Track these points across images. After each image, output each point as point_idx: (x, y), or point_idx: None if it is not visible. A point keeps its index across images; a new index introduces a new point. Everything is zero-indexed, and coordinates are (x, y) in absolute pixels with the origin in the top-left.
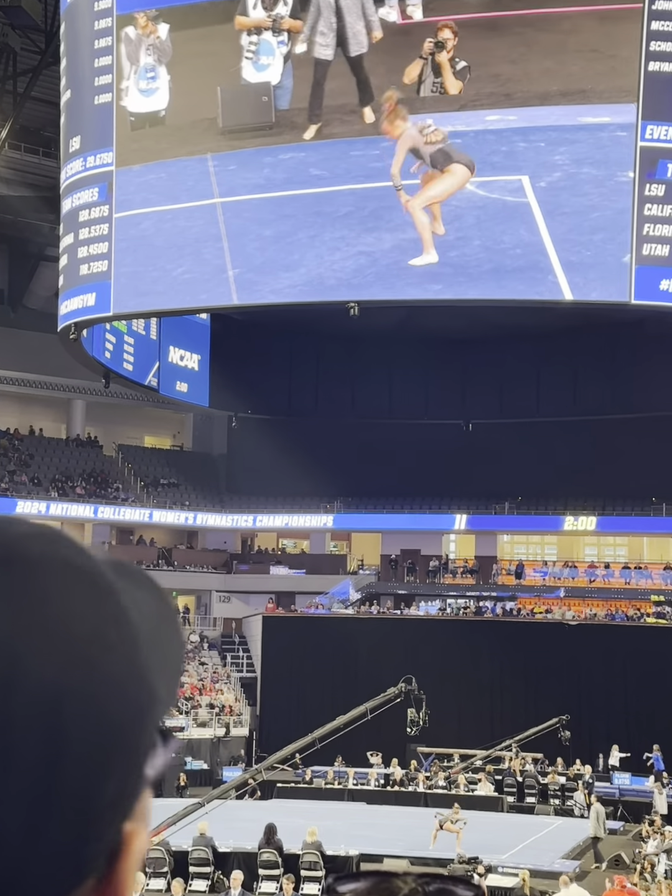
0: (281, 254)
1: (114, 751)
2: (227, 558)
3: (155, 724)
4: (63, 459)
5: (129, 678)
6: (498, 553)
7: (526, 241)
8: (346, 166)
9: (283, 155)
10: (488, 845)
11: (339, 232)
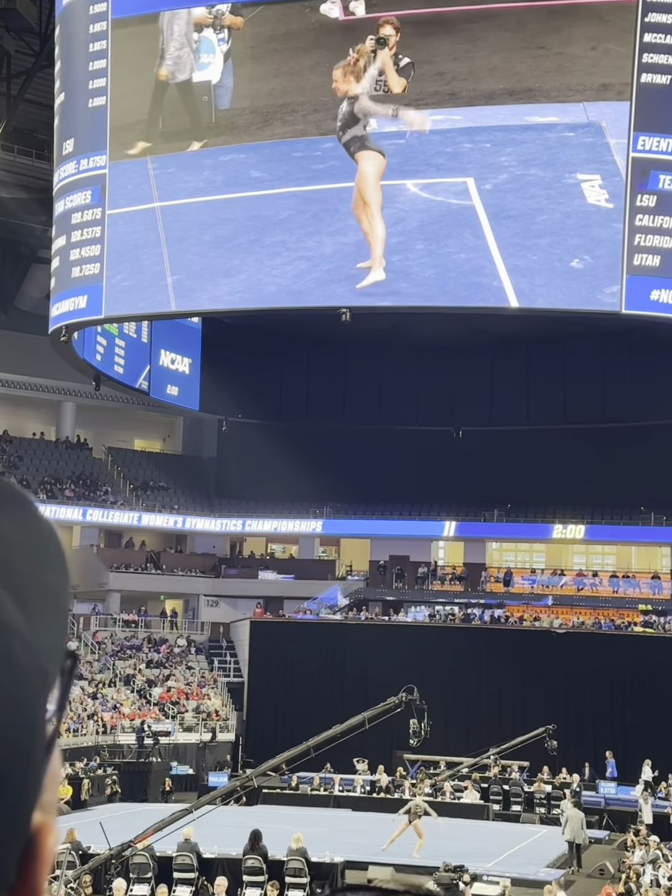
0: (220, 259)
1: (5, 771)
2: (215, 562)
3: (47, 695)
4: (52, 461)
5: (10, 692)
6: (486, 560)
7: (471, 245)
8: (287, 168)
9: (224, 157)
10: (473, 853)
11: (279, 236)
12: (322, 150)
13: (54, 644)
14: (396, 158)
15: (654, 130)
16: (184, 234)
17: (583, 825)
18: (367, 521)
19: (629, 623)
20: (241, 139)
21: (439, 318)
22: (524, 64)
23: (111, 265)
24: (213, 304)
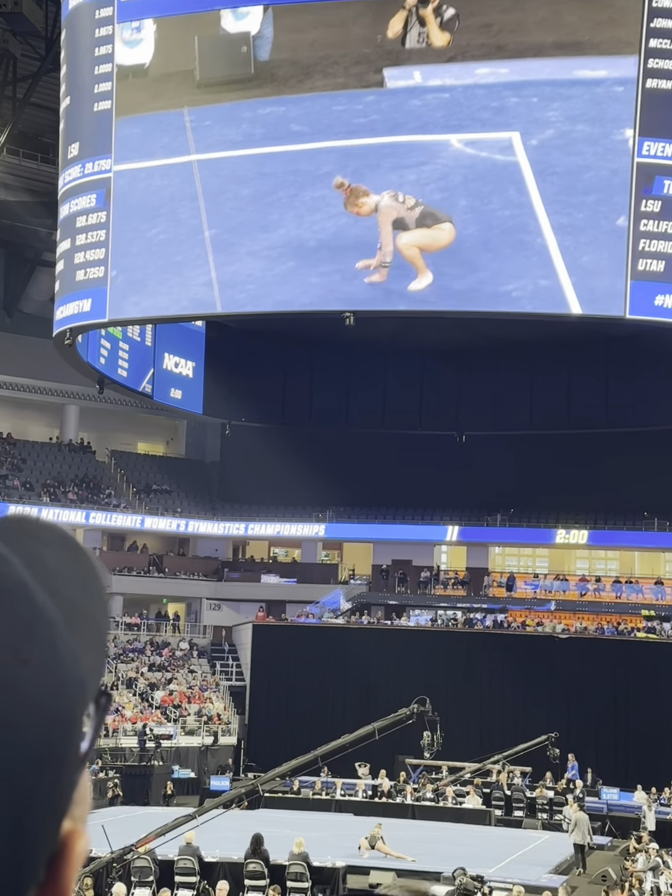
0: (259, 214)
1: (39, 767)
2: (218, 566)
3: (84, 711)
4: (55, 464)
5: (52, 685)
6: (489, 565)
7: (515, 201)
8: (328, 122)
9: (263, 109)
10: (476, 859)
11: (319, 192)
12: (364, 104)
13: (93, 669)
14: (440, 112)
15: (659, 135)
16: (221, 188)
17: (588, 828)
18: (369, 525)
19: (632, 628)
20: (281, 91)
21: (444, 322)
22: (573, 16)
23: (146, 221)
24: (253, 261)
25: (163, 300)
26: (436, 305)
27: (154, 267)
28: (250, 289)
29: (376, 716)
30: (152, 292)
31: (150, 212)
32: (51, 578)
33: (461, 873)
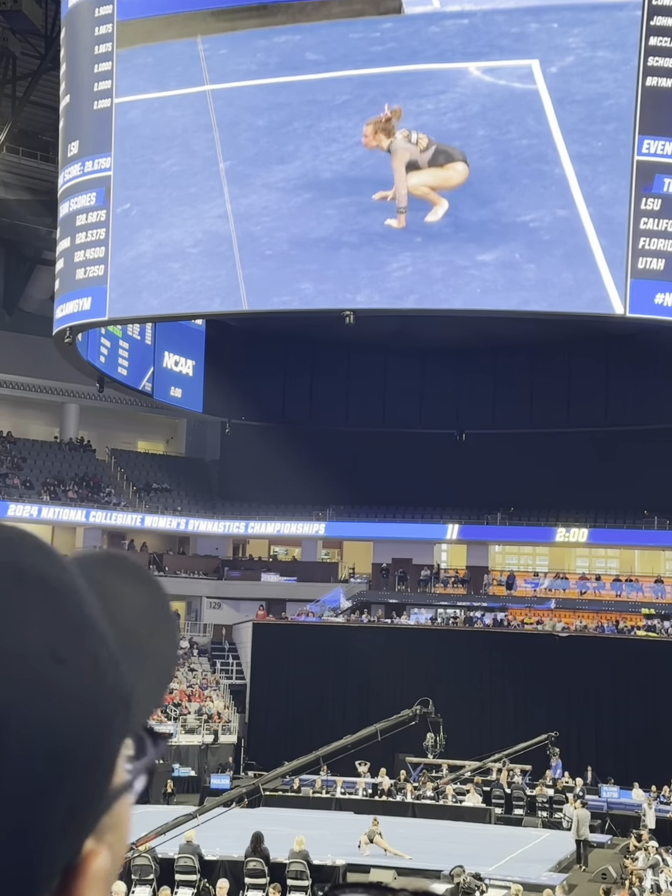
0: (274, 145)
1: (62, 769)
2: (218, 565)
3: (122, 733)
4: (55, 463)
5: (85, 692)
6: (489, 563)
7: (533, 131)
8: (345, 50)
9: (278, 38)
10: (476, 857)
11: (335, 122)
12: (381, 31)
13: (143, 701)
14: (459, 40)
15: (659, 134)
16: (236, 118)
17: (587, 825)
18: (369, 523)
19: (632, 627)
20: (297, 20)
21: (444, 320)
22: None
23: (159, 153)
24: (269, 194)
25: (177, 233)
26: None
27: (168, 199)
28: (266, 221)
29: (376, 714)
30: (166, 225)
31: (163, 143)
32: (118, 608)
33: (459, 872)
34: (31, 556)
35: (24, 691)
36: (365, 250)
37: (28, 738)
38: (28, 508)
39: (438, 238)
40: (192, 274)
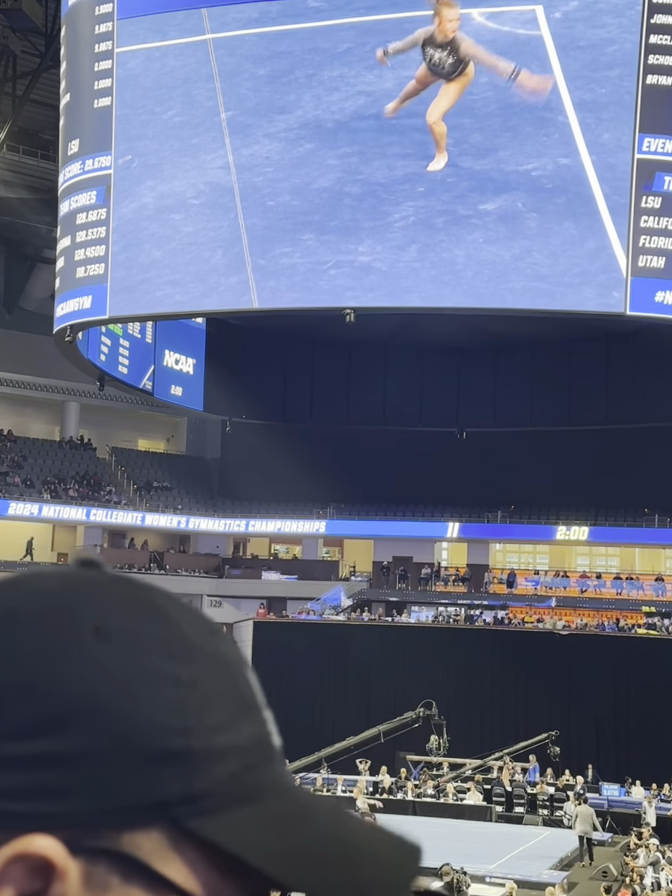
0: (276, 94)
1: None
2: (218, 563)
3: (167, 754)
4: (56, 461)
5: (120, 680)
6: (490, 561)
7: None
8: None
9: None
10: (476, 855)
11: (337, 70)
12: None
13: (223, 744)
14: None
15: (659, 132)
16: (237, 68)
17: (594, 822)
18: (370, 521)
19: (633, 625)
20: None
21: (443, 318)
22: None
23: (160, 103)
24: (270, 143)
25: (179, 184)
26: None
27: (170, 150)
28: (268, 172)
29: (377, 711)
30: (168, 176)
31: (164, 93)
32: (235, 669)
33: (448, 870)
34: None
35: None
36: (367, 200)
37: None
38: (29, 507)
39: (442, 187)
40: (195, 225)
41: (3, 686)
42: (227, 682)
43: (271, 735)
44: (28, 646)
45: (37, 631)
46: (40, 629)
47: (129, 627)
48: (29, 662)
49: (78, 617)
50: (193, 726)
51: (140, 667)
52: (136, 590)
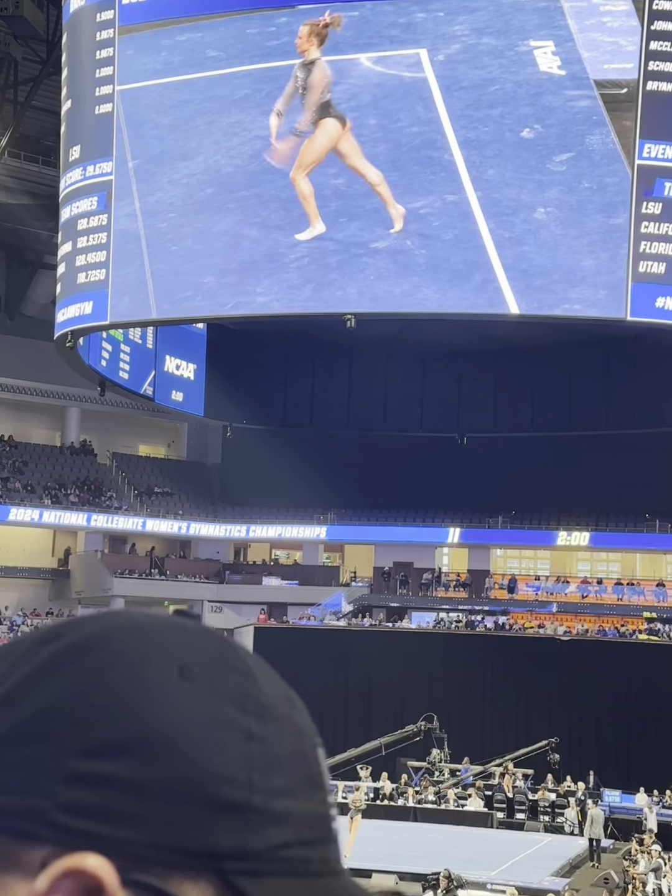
0: (178, 142)
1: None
2: (219, 568)
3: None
4: (57, 467)
5: (196, 721)
6: (491, 567)
7: (423, 118)
8: (243, 46)
9: (181, 36)
10: (478, 861)
11: (235, 116)
12: (276, 26)
13: (288, 810)
14: (350, 32)
15: (659, 138)
16: (143, 118)
17: (601, 824)
18: (371, 527)
19: (634, 631)
20: (197, 17)
21: (444, 324)
22: None
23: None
24: (174, 187)
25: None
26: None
27: None
28: (171, 217)
29: (378, 717)
30: None
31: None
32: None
33: (447, 874)
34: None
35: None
36: (264, 242)
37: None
38: (29, 512)
39: (335, 227)
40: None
41: (86, 705)
42: (296, 751)
43: (331, 817)
44: (114, 671)
45: (125, 658)
46: (128, 657)
47: (212, 675)
48: (113, 686)
49: (166, 653)
50: (256, 783)
51: (216, 713)
52: (224, 643)
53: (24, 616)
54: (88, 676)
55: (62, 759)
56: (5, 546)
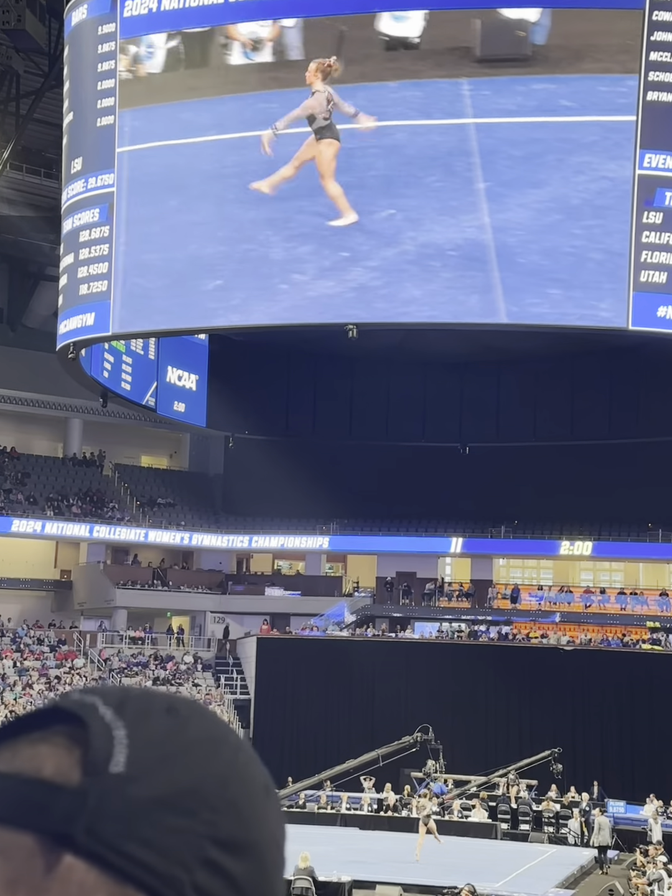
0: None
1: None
2: (222, 579)
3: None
4: (59, 478)
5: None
6: (494, 577)
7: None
8: (595, 100)
9: (536, 85)
10: (482, 872)
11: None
12: (626, 87)
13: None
14: None
15: (660, 148)
16: (496, 148)
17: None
18: (373, 537)
19: (637, 640)
20: (553, 72)
21: (446, 333)
22: None
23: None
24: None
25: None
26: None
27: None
28: (520, 234)
29: (381, 728)
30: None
31: (418, 165)
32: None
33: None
34: None
35: None
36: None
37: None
38: (32, 524)
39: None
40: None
41: (220, 796)
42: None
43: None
44: (238, 770)
45: (240, 762)
46: (242, 759)
47: (276, 798)
48: (239, 787)
49: (257, 771)
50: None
51: (280, 834)
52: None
53: (27, 628)
54: (224, 770)
55: (201, 840)
56: (8, 558)
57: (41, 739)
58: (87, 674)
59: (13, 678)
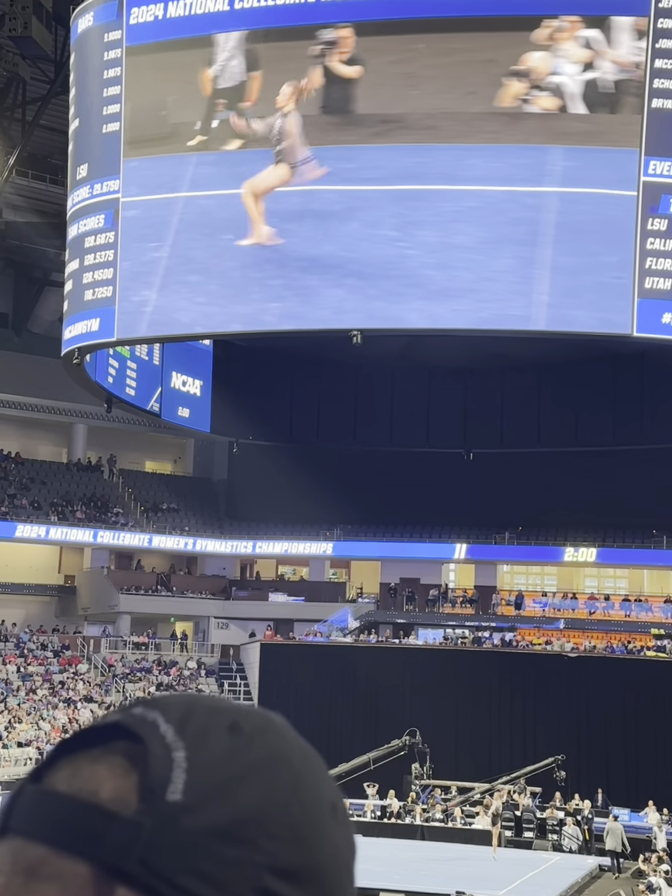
0: None
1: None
2: (225, 585)
3: None
4: (64, 483)
5: (346, 849)
6: (498, 583)
7: None
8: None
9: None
10: (485, 880)
11: None
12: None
13: None
14: None
15: (664, 155)
16: None
17: (623, 836)
18: (377, 543)
19: (641, 647)
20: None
21: (450, 340)
22: None
23: None
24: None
25: None
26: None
27: None
28: None
29: (385, 734)
30: None
31: None
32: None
33: None
34: None
35: None
36: None
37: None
38: (36, 529)
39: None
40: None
41: (280, 823)
42: None
43: None
44: (300, 792)
45: (303, 781)
46: (305, 780)
47: (346, 817)
48: (301, 810)
49: (323, 790)
50: None
51: (349, 857)
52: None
53: (31, 633)
54: (285, 794)
55: (258, 870)
56: (12, 563)
57: (100, 758)
58: (90, 679)
59: (17, 683)
